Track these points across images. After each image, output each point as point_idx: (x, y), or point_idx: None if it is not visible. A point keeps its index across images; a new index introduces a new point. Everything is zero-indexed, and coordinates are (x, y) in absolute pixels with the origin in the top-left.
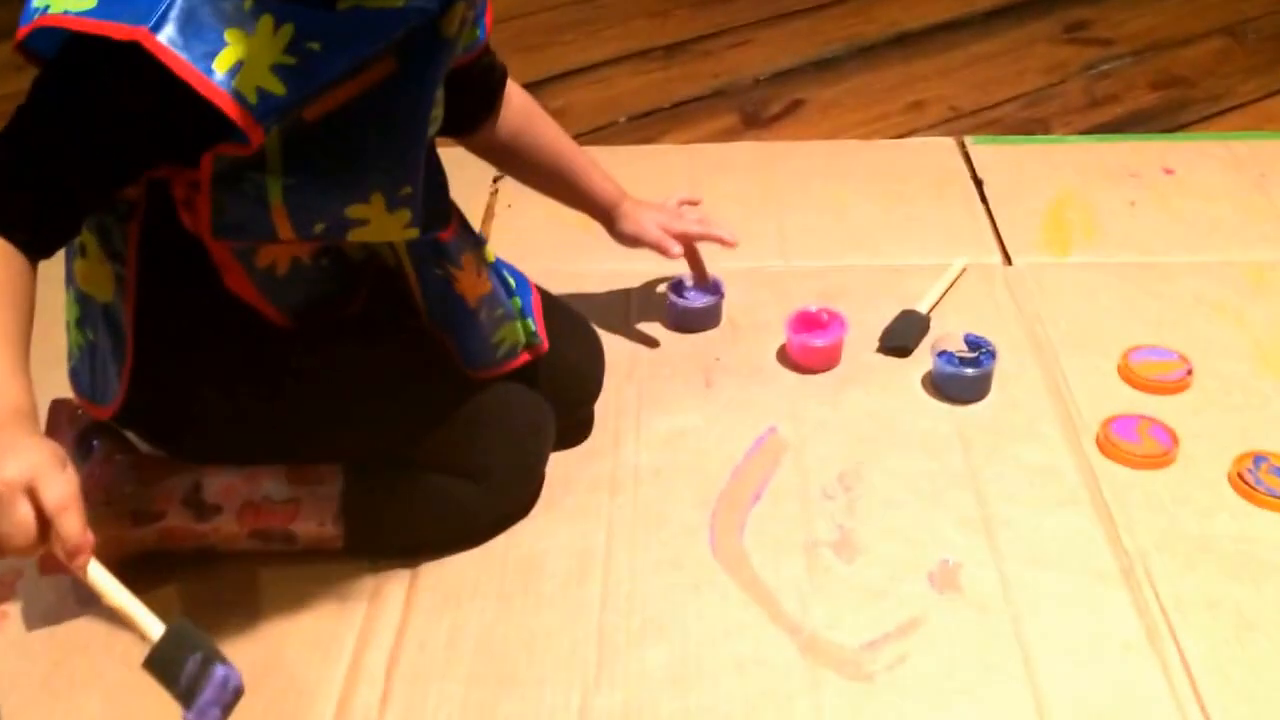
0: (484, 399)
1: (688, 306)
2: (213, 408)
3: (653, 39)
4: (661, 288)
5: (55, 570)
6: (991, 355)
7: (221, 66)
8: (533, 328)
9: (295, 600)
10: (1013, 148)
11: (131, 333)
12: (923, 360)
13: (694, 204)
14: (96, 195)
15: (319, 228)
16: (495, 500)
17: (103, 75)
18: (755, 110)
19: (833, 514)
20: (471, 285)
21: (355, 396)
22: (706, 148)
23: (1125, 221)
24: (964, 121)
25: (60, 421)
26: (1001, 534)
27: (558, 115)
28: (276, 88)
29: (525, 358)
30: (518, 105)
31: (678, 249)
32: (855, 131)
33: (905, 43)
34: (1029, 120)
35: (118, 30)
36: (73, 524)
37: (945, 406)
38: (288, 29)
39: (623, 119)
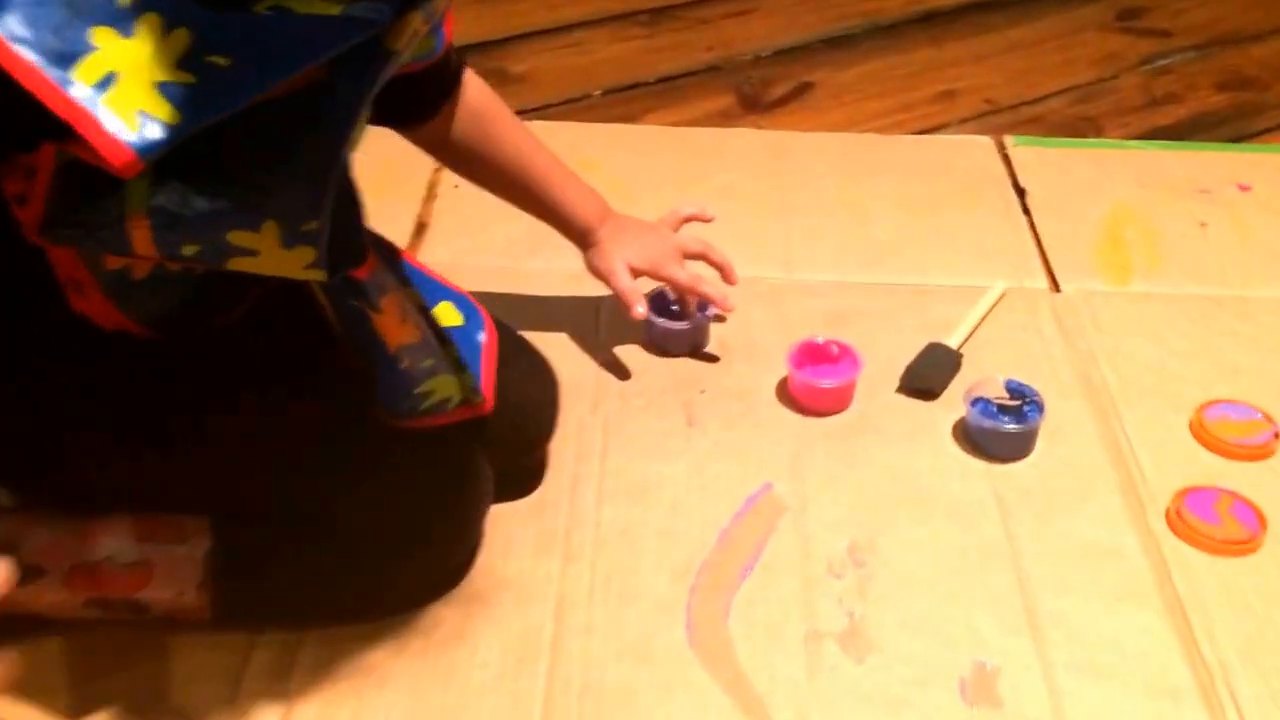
0: (401, 449)
1: (668, 327)
2: (51, 442)
3: (636, 0)
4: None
5: None
6: (1038, 408)
7: (86, 77)
8: (474, 384)
9: (147, 680)
10: (1060, 151)
11: None
12: (953, 405)
13: (703, 220)
14: None
15: (189, 250)
16: (411, 572)
17: None
18: (756, 91)
19: (841, 597)
20: (393, 331)
21: (233, 434)
22: (697, 131)
23: (1195, 245)
24: (1002, 116)
25: None
26: (1050, 632)
27: (519, 83)
28: (164, 113)
29: (460, 415)
30: (474, 100)
31: (640, 310)
32: (874, 123)
33: (933, 22)
34: (1077, 119)
35: None
36: None
37: (981, 464)
38: (181, 35)
39: (597, 92)
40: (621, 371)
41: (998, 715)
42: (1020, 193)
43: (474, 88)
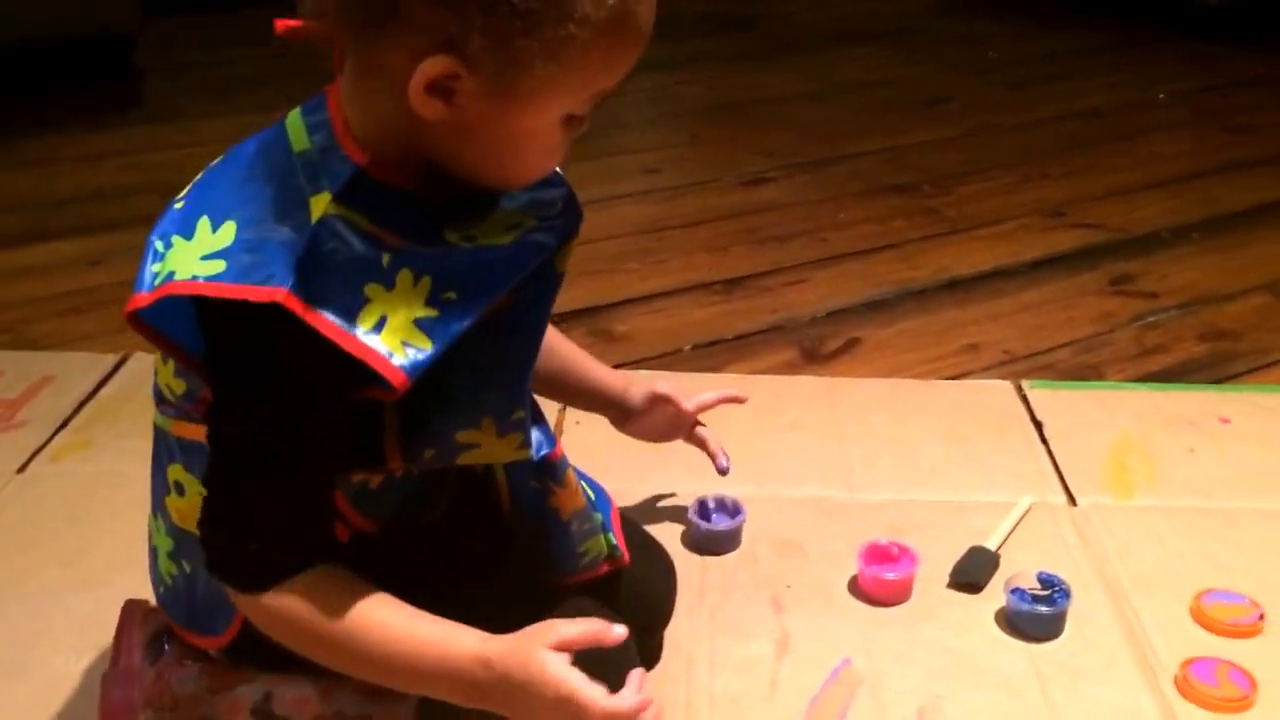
0: (562, 614)
1: (710, 530)
2: None
3: (713, 273)
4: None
5: None
6: (1066, 594)
7: (365, 323)
8: (614, 540)
9: None
10: (1070, 393)
11: None
12: (994, 597)
13: (739, 401)
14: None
15: (429, 454)
16: None
17: (272, 339)
18: (814, 346)
19: None
20: (569, 500)
21: (437, 611)
22: (769, 379)
23: (1186, 467)
24: (1018, 365)
25: (133, 621)
26: None
27: (624, 340)
28: (422, 341)
29: (605, 569)
30: None
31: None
32: (912, 371)
33: (956, 288)
34: (1082, 366)
35: (255, 293)
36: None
37: (1020, 644)
38: (426, 282)
39: (687, 348)
40: (719, 569)
41: None
42: (1038, 426)
43: None
